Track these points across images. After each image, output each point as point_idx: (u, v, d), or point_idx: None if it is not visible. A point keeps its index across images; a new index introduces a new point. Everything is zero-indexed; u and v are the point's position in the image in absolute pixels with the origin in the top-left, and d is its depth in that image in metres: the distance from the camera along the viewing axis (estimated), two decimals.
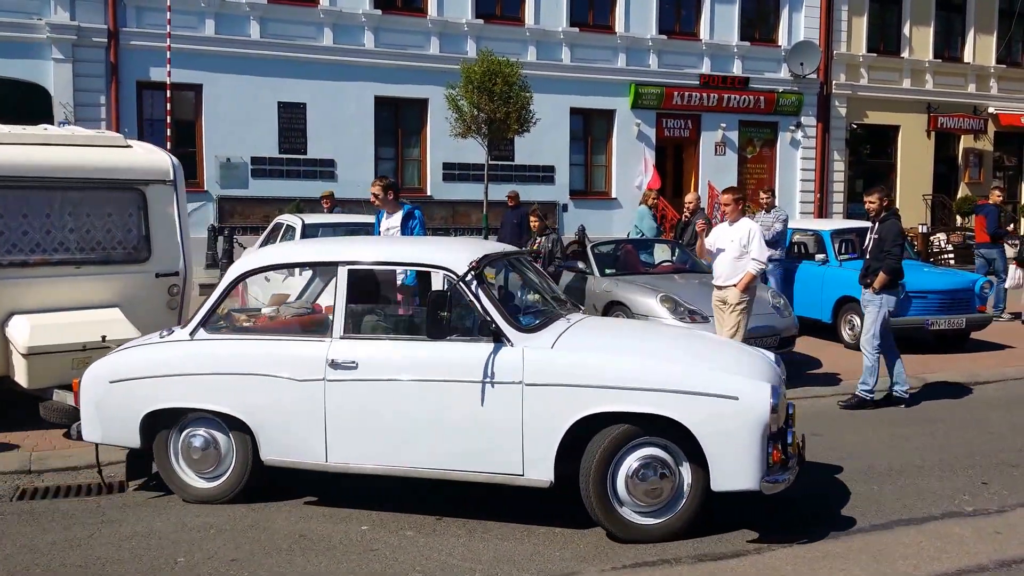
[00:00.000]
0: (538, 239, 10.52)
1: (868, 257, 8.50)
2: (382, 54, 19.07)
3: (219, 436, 5.59)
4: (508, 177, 19.39)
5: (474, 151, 16.66)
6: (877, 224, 8.47)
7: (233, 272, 5.80)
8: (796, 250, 12.33)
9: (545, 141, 19.65)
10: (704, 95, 21.99)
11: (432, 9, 19.49)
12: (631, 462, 4.97)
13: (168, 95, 16.07)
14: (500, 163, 19.06)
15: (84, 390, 5.71)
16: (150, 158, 7.60)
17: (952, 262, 20.60)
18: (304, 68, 18.43)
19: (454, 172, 19.67)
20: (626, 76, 21.23)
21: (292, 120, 18.56)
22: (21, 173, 6.91)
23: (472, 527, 5.25)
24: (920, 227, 21.71)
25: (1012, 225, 23.18)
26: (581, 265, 11.02)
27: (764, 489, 4.87)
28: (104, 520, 5.42)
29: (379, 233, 8.55)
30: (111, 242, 7.30)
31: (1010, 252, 14.82)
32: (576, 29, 20.67)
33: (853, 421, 7.97)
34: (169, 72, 15.84)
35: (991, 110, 25.61)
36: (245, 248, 12.06)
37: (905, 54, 24.48)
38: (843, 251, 12.02)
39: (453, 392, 5.09)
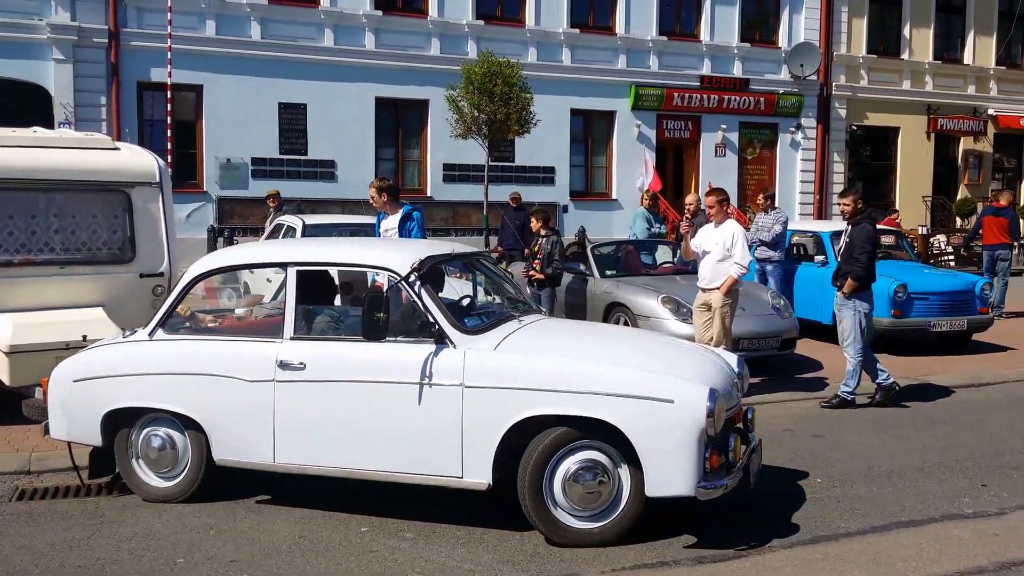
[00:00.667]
0: (539, 240, 10.51)
1: (840, 260, 8.51)
2: (383, 55, 19.07)
3: (176, 436, 5.65)
4: (508, 178, 19.40)
5: (474, 152, 16.67)
6: (850, 227, 8.48)
7: (190, 274, 5.84)
8: (796, 251, 12.33)
9: (545, 142, 19.66)
10: (704, 96, 22.00)
11: (433, 10, 19.50)
12: (568, 465, 4.91)
13: (169, 96, 16.07)
14: (500, 164, 19.07)
15: (51, 389, 5.81)
16: (136, 160, 7.70)
17: (952, 264, 20.60)
18: (305, 69, 18.44)
19: (454, 173, 19.67)
20: (626, 77, 21.24)
21: (292, 121, 18.56)
22: (7, 175, 7.04)
23: (471, 529, 5.25)
24: (920, 229, 21.70)
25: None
26: (581, 267, 11.02)
27: (699, 495, 4.77)
28: (103, 521, 5.42)
29: (379, 235, 8.53)
30: (96, 243, 7.43)
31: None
32: (576, 30, 20.68)
33: (854, 423, 7.96)
34: (170, 73, 15.85)
35: (991, 112, 25.62)
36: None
37: (905, 56, 24.49)
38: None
39: (395, 393, 5.09)
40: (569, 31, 20.59)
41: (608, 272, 10.88)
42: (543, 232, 10.53)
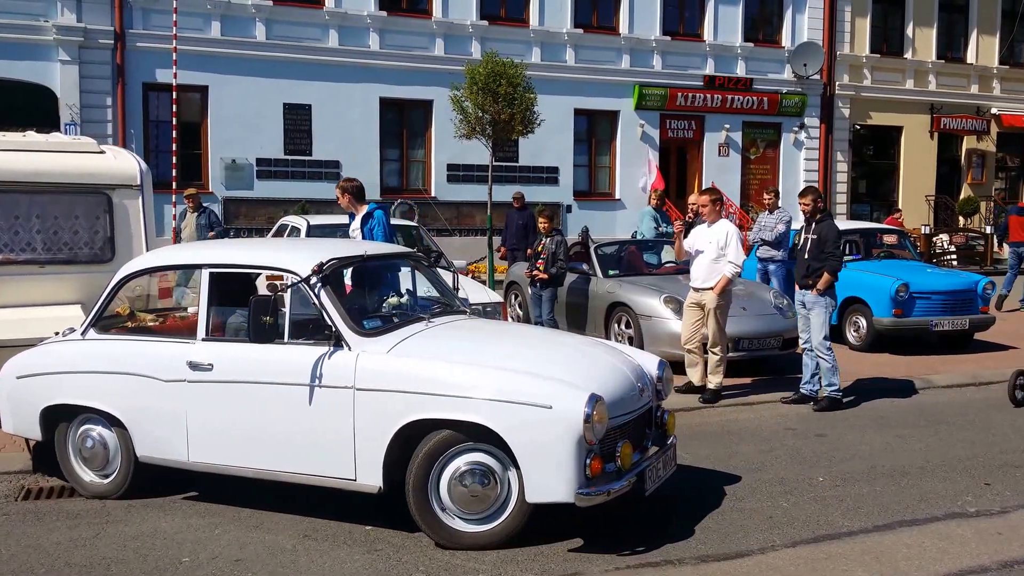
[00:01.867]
0: (543, 240, 10.53)
1: (806, 257, 8.48)
2: (387, 56, 19.11)
3: (106, 433, 5.80)
4: (512, 178, 19.42)
5: (478, 152, 16.68)
6: (814, 225, 8.51)
7: (119, 274, 6.02)
8: None
9: (549, 142, 19.68)
10: (708, 96, 22.00)
11: (437, 10, 19.52)
12: (454, 469, 4.89)
13: (174, 97, 16.09)
14: (504, 164, 19.08)
15: (0, 384, 6.06)
16: (117, 163, 7.94)
17: (955, 263, 20.59)
18: (309, 69, 18.47)
19: (459, 173, 19.70)
20: (630, 77, 21.25)
21: (297, 121, 18.59)
22: None
23: None
24: (923, 228, 21.70)
25: None
26: (584, 266, 11.03)
27: (578, 502, 4.71)
28: (109, 520, 5.46)
29: (350, 236, 8.23)
30: (77, 243, 7.67)
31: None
32: (580, 30, 20.69)
33: (856, 422, 7.98)
34: (175, 74, 15.87)
35: (994, 111, 25.58)
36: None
37: (908, 55, 24.46)
38: (846, 252, 12.01)
39: (292, 395, 5.15)
40: (573, 31, 20.60)
41: (611, 272, 10.89)
42: (549, 231, 10.55)
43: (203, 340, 5.47)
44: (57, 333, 6.10)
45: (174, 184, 15.43)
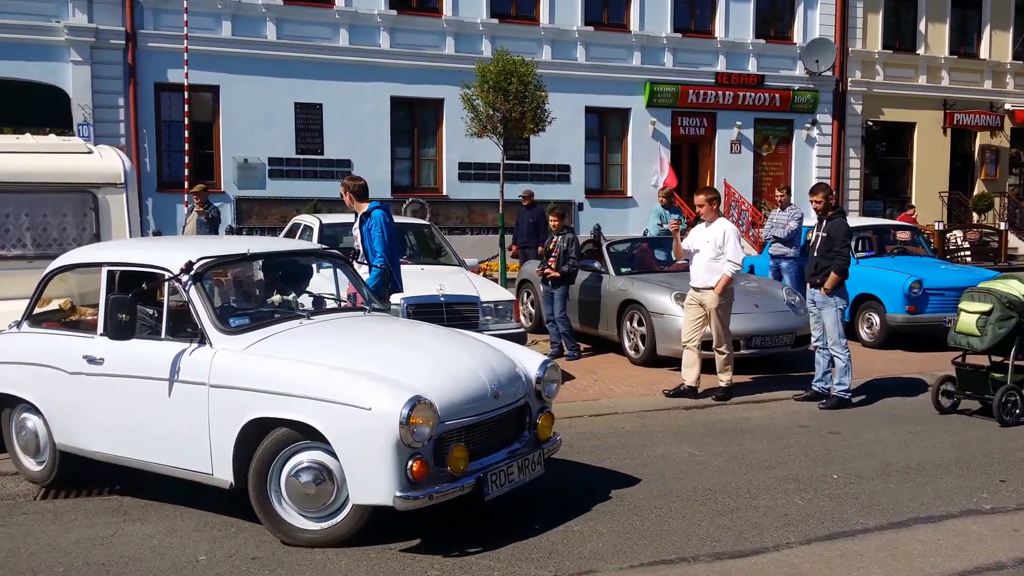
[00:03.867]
0: (555, 238, 10.53)
1: (816, 255, 8.45)
2: (398, 54, 19.12)
3: (37, 422, 6.07)
4: (524, 176, 19.41)
5: (490, 151, 16.67)
6: (824, 222, 8.46)
7: (47, 270, 6.31)
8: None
9: (560, 140, 19.66)
10: (719, 93, 21.93)
11: (447, 9, 19.53)
12: (291, 467, 4.95)
13: (186, 96, 16.17)
14: (516, 162, 19.08)
15: None
16: (103, 163, 8.33)
17: (969, 259, 20.47)
18: (320, 69, 18.50)
19: (470, 172, 19.71)
20: (641, 75, 21.21)
21: (309, 121, 18.63)
22: None
23: (491, 527, 5.29)
24: (936, 224, 21.58)
25: None
26: (596, 264, 11.03)
27: (396, 505, 4.71)
28: (127, 519, 5.49)
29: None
30: (65, 239, 7.95)
31: None
32: (591, 28, 20.66)
33: (871, 419, 7.95)
34: (187, 74, 15.94)
35: (1007, 106, 25.41)
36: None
37: (921, 51, 24.33)
38: (860, 249, 11.98)
39: (161, 390, 5.31)
40: (583, 29, 20.58)
41: (623, 269, 10.89)
42: (560, 229, 10.55)
43: (100, 335, 5.63)
44: (10, 326, 6.37)
45: (186, 184, 15.50)
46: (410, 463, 4.67)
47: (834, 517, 5.45)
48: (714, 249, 8.33)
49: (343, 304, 6.40)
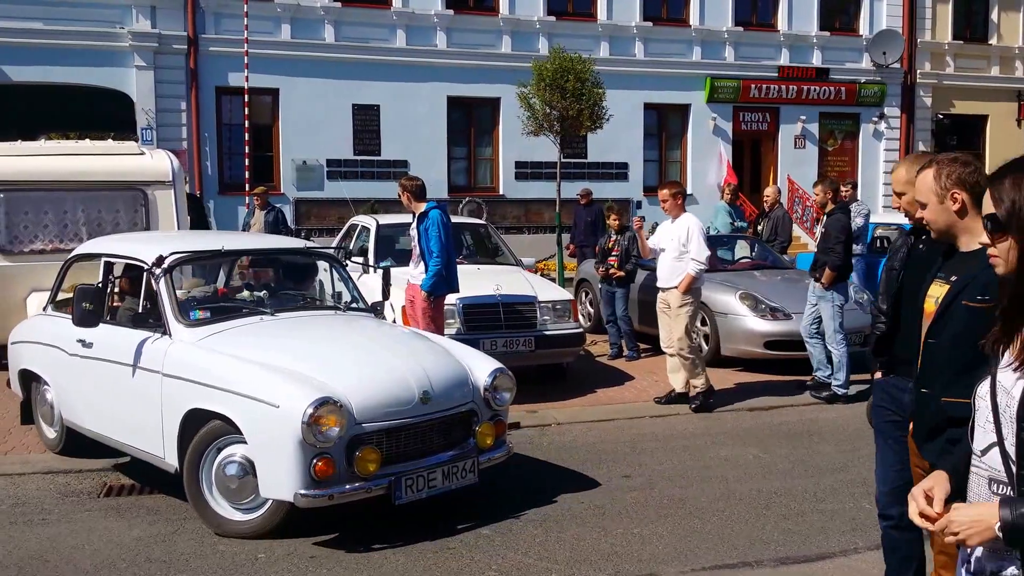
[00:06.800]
0: (615, 237, 10.40)
1: (817, 251, 8.36)
2: (454, 54, 19.14)
3: (52, 395, 6.55)
4: (581, 175, 19.26)
5: (546, 149, 16.58)
6: (825, 218, 8.27)
7: (67, 259, 6.92)
8: (879, 244, 11.95)
9: (618, 138, 19.47)
10: (782, 87, 21.50)
11: (504, 8, 19.48)
12: (220, 459, 5.11)
13: (246, 100, 16.38)
14: (573, 161, 18.94)
15: (8, 350, 7.15)
16: (153, 163, 9.05)
17: None
18: (378, 70, 18.61)
19: (526, 171, 19.64)
20: (701, 70, 20.89)
21: (366, 122, 18.75)
22: (42, 179, 8.60)
23: (548, 526, 5.20)
24: None
25: None
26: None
27: (297, 502, 4.78)
28: (187, 516, 5.51)
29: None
30: (119, 233, 8.47)
31: None
32: (649, 23, 20.43)
33: None
34: (247, 77, 16.15)
35: None
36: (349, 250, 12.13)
37: (993, 41, 23.56)
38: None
39: (125, 375, 5.66)
40: (642, 24, 20.35)
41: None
42: (620, 228, 10.41)
43: None
44: (42, 310, 6.98)
45: (247, 186, 15.70)
46: (315, 462, 4.74)
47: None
48: (678, 247, 7.83)
49: (318, 303, 6.64)
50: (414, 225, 7.82)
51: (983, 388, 2.07)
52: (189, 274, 7.30)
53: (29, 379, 6.83)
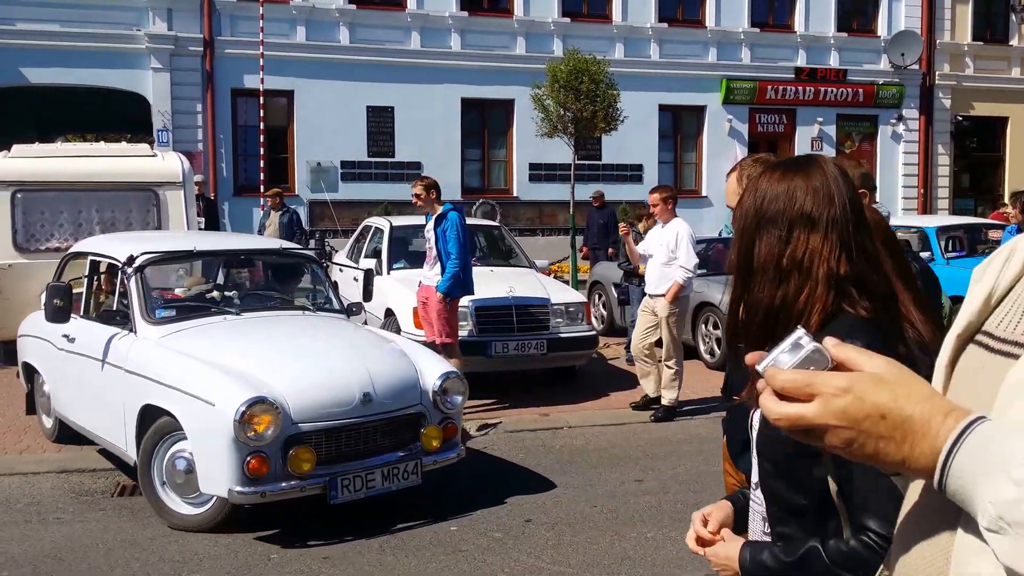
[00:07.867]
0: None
1: None
2: (469, 56, 19.12)
3: (48, 389, 6.84)
4: (595, 176, 19.20)
5: (560, 151, 16.55)
6: None
7: (63, 256, 7.16)
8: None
9: (633, 139, 19.38)
10: (799, 88, 21.37)
11: (518, 9, 19.45)
12: (170, 454, 5.26)
13: (261, 102, 16.42)
14: (587, 162, 18.87)
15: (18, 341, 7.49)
16: (165, 165, 9.34)
17: None
18: (392, 72, 18.61)
19: (540, 172, 19.58)
20: (717, 71, 20.79)
21: (380, 124, 18.75)
22: (59, 180, 8.85)
23: (560, 530, 5.16)
24: None
25: None
26: None
27: (231, 498, 4.89)
28: None
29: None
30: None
31: None
32: (665, 24, 20.34)
33: None
34: (262, 79, 16.19)
35: None
36: (336, 251, 12.26)
37: (1014, 42, 23.32)
38: (950, 248, 11.49)
39: (97, 370, 5.87)
40: (657, 25, 20.27)
41: (698, 271, 10.59)
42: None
43: (80, 317, 6.34)
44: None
45: (262, 188, 15.74)
46: (249, 459, 4.81)
47: None
48: (667, 253, 7.69)
49: (289, 303, 6.79)
50: (430, 227, 7.74)
51: (754, 416, 1.77)
52: (191, 273, 7.45)
53: (30, 371, 7.14)
